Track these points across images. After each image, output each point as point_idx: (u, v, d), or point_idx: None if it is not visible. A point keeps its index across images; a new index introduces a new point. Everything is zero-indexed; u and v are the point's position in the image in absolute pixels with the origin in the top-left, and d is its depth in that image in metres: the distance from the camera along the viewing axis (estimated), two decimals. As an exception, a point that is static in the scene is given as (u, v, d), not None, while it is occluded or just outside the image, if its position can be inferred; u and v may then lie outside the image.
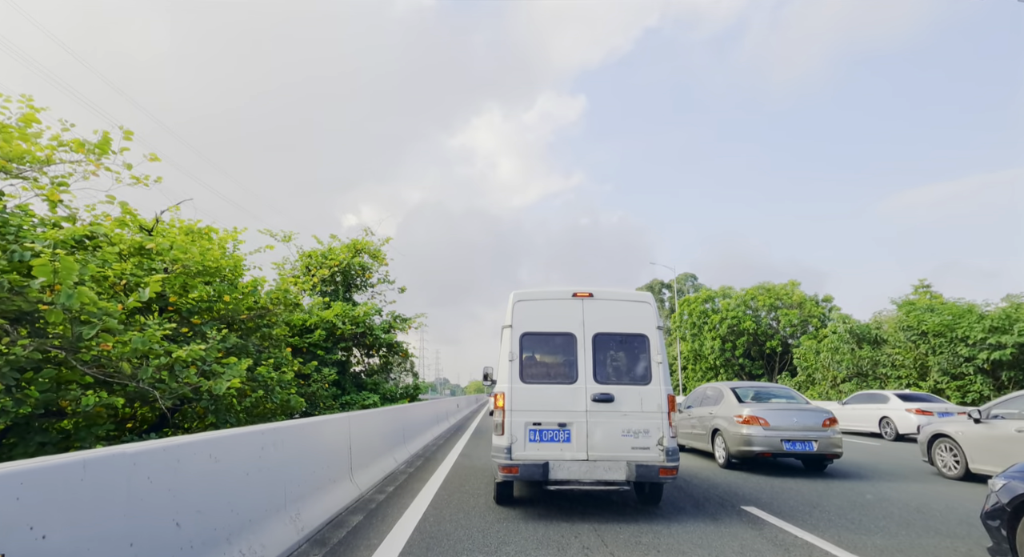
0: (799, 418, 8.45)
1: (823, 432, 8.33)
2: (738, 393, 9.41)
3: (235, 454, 3.47)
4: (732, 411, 8.94)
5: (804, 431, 8.32)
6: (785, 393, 9.73)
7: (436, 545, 4.28)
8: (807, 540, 4.58)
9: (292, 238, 14.89)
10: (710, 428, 9.53)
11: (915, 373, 23.44)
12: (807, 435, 8.26)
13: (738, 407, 8.91)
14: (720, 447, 9.13)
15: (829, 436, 8.31)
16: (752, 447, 8.26)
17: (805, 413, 8.55)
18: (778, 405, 8.90)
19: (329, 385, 13.30)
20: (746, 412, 8.58)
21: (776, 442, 8.19)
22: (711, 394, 10.13)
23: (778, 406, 8.82)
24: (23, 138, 5.52)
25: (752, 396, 9.42)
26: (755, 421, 8.41)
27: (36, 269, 4.21)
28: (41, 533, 1.95)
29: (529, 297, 5.70)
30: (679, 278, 64.05)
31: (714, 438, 9.40)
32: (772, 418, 8.41)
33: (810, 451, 8.20)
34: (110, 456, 2.37)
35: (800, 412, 8.57)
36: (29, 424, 5.18)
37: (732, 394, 9.43)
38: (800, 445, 8.20)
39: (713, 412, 9.57)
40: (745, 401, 9.16)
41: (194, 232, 8.28)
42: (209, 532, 3.04)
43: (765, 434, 8.26)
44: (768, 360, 38.22)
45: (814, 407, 8.89)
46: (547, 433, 5.27)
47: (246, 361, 7.03)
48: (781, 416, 8.45)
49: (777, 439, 8.21)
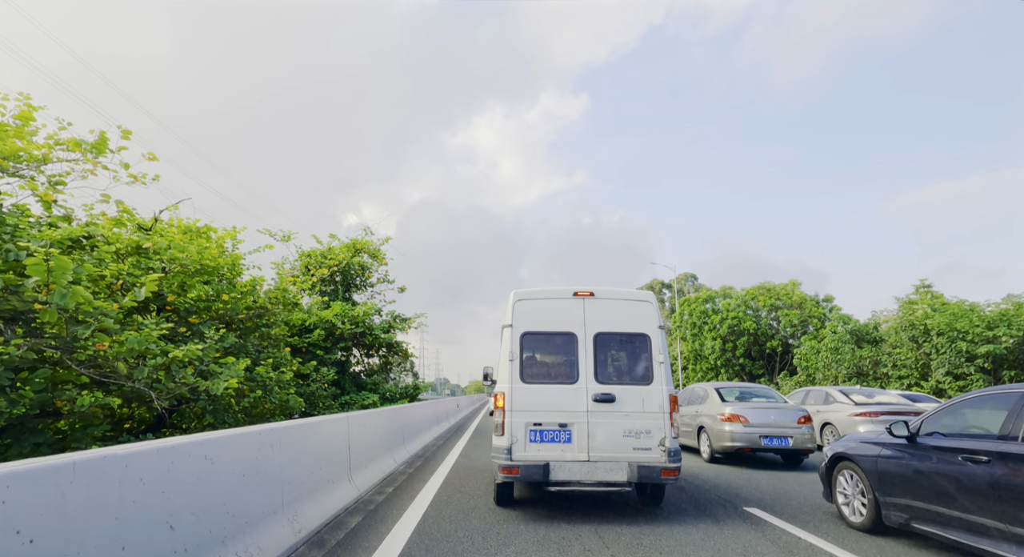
0: (776, 416, 9.07)
1: (798, 429, 8.96)
2: (722, 393, 9.96)
3: (231, 455, 3.42)
4: (716, 410, 9.53)
5: (781, 428, 8.94)
6: (765, 393, 10.27)
7: (436, 547, 4.23)
8: (810, 541, 4.54)
9: (291, 238, 14.83)
10: (696, 425, 10.20)
11: (916, 373, 23.38)
12: (783, 431, 8.89)
13: (721, 406, 9.49)
14: (705, 443, 9.74)
15: (804, 432, 8.92)
16: (733, 442, 8.91)
17: (782, 411, 9.16)
18: (758, 404, 9.49)
19: (328, 385, 13.25)
20: (728, 410, 9.23)
21: (755, 438, 8.83)
22: (699, 393, 10.65)
23: (758, 405, 9.40)
24: (19, 136, 5.47)
25: (735, 396, 9.95)
26: (736, 419, 9.07)
27: (30, 268, 4.16)
28: (28, 537, 1.90)
29: (530, 296, 5.65)
30: (679, 278, 64.01)
31: (700, 435, 10.00)
32: (752, 416, 9.03)
33: (786, 446, 8.82)
34: (101, 458, 2.32)
35: (777, 410, 9.18)
36: (24, 425, 5.13)
37: (716, 394, 9.99)
38: (777, 441, 8.83)
39: (699, 410, 10.17)
40: (728, 401, 9.69)
41: (192, 231, 8.23)
42: (204, 534, 2.99)
43: (745, 431, 8.91)
44: (768, 360, 38.17)
45: (791, 406, 9.44)
46: (548, 434, 5.22)
47: (244, 361, 6.98)
48: (760, 414, 9.08)
49: (756, 435, 8.84)
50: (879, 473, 4.80)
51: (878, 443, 4.98)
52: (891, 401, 11.40)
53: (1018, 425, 3.71)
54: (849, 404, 11.26)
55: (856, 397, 11.59)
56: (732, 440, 8.92)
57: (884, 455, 4.81)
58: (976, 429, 4.21)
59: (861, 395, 11.78)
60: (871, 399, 11.53)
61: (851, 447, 5.32)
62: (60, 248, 5.37)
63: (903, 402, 11.28)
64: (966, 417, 4.41)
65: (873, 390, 12.32)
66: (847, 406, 11.27)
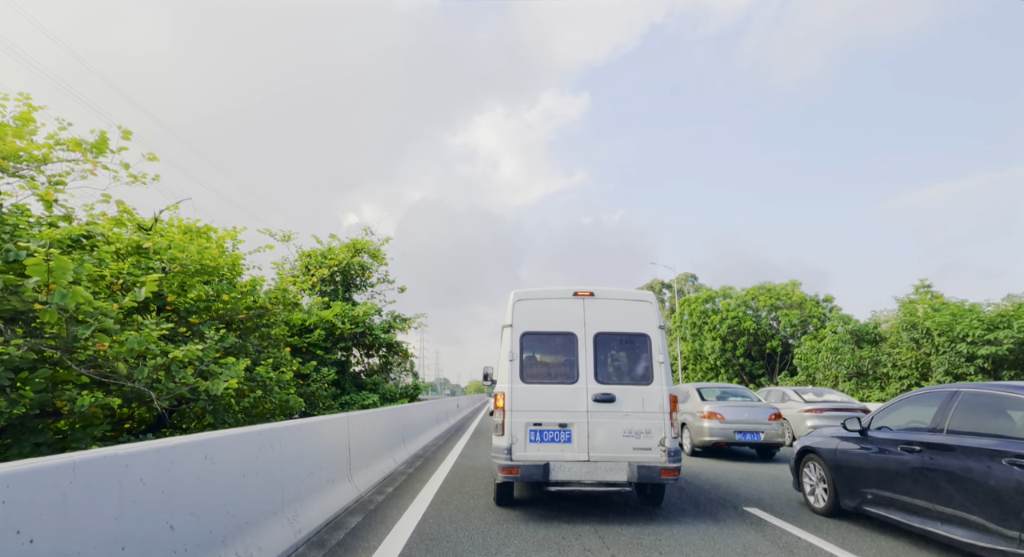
0: (749, 413, 10.04)
1: (769, 425, 9.95)
2: (702, 393, 10.97)
3: (231, 455, 3.42)
4: (696, 408, 10.42)
5: (753, 424, 9.91)
6: (741, 393, 11.36)
7: (436, 547, 4.23)
8: (810, 541, 4.54)
9: (291, 238, 14.83)
10: (679, 422, 10.91)
11: (916, 373, 23.38)
12: (756, 427, 9.87)
13: (701, 404, 10.37)
14: (687, 438, 10.70)
15: (774, 428, 9.95)
16: (711, 437, 9.87)
17: (755, 409, 10.15)
18: (734, 403, 10.46)
19: (328, 385, 13.25)
20: (707, 409, 10.19)
21: (730, 433, 9.80)
22: (682, 393, 11.48)
23: (733, 404, 10.37)
24: (18, 136, 5.47)
25: (715, 396, 10.98)
26: (714, 416, 10.06)
27: (30, 268, 4.16)
28: (28, 537, 1.90)
29: (529, 296, 5.65)
30: (679, 278, 64.01)
31: (682, 431, 10.91)
32: (727, 413, 10.01)
33: (758, 440, 9.81)
34: (101, 458, 2.32)
35: (750, 408, 10.16)
36: (24, 425, 5.13)
37: (697, 393, 10.94)
38: (750, 436, 9.82)
39: (682, 409, 10.95)
40: (707, 399, 10.67)
41: (192, 231, 8.23)
42: (204, 534, 2.99)
43: (721, 427, 9.88)
44: (768, 360, 38.17)
45: (763, 404, 10.43)
46: (548, 433, 5.22)
47: (244, 361, 6.98)
48: (735, 412, 10.04)
49: (731, 431, 9.81)
50: (836, 463, 5.36)
51: (837, 437, 5.51)
52: (836, 399, 12.79)
53: (944, 419, 4.33)
54: (800, 402, 12.62)
55: (807, 396, 12.92)
56: (710, 435, 9.86)
57: (841, 448, 5.37)
58: (915, 423, 4.73)
59: (812, 394, 13.10)
60: (819, 398, 12.85)
61: (815, 441, 5.88)
62: (60, 248, 5.37)
63: (847, 400, 12.71)
64: (908, 413, 4.94)
65: (823, 390, 13.56)
66: (798, 404, 12.55)
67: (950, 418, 4.28)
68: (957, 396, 4.37)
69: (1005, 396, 4.00)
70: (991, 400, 4.10)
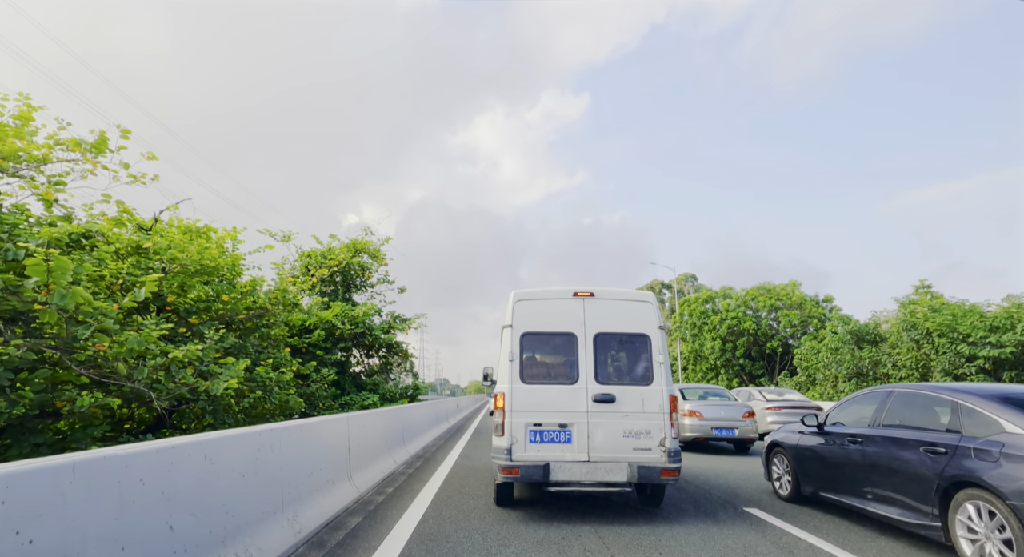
0: (726, 411, 11.16)
1: (743, 422, 11.08)
2: (684, 393, 12.16)
3: (231, 455, 3.42)
4: None
5: (729, 421, 11.03)
6: (719, 393, 12.54)
7: (435, 547, 4.22)
8: (810, 542, 4.54)
9: (291, 238, 14.83)
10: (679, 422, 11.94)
11: (916, 373, 23.38)
12: (731, 424, 11.00)
13: (682, 403, 11.31)
14: None
15: (748, 425, 11.10)
16: (691, 433, 11.00)
17: (730, 408, 11.27)
18: (712, 402, 11.57)
19: (328, 385, 13.24)
20: (687, 407, 11.27)
21: (707, 429, 10.95)
22: None
23: (711, 402, 11.49)
24: (18, 136, 5.46)
25: (696, 396, 12.19)
26: (693, 414, 11.14)
27: (29, 268, 4.16)
28: (28, 538, 1.90)
29: (529, 296, 5.64)
30: (679, 278, 64.02)
31: None
32: (706, 411, 11.14)
33: (733, 436, 10.95)
34: (100, 458, 2.32)
35: (727, 407, 11.28)
36: (24, 425, 5.13)
37: (680, 394, 11.81)
38: (726, 431, 10.95)
39: None
40: (688, 399, 11.84)
41: (192, 231, 8.22)
42: (204, 535, 2.99)
43: (700, 423, 11.00)
44: (768, 360, 38.17)
45: (738, 403, 11.54)
46: (548, 434, 5.22)
47: (244, 361, 6.97)
48: (712, 410, 11.18)
49: (708, 427, 10.96)
50: (798, 455, 6.08)
51: (799, 432, 6.20)
52: (794, 398, 14.73)
53: (880, 415, 5.07)
54: (763, 400, 14.31)
55: (769, 395, 14.72)
56: (690, 431, 11.00)
57: (802, 442, 6.07)
58: (861, 419, 5.38)
59: (774, 394, 14.94)
60: (780, 397, 14.67)
61: (782, 436, 6.58)
62: (59, 247, 5.37)
63: (802, 399, 14.71)
64: (856, 410, 5.57)
65: (784, 390, 15.49)
66: (761, 402, 14.17)
67: (884, 414, 5.02)
68: (892, 395, 5.09)
69: (928, 395, 4.69)
70: (917, 398, 4.80)
